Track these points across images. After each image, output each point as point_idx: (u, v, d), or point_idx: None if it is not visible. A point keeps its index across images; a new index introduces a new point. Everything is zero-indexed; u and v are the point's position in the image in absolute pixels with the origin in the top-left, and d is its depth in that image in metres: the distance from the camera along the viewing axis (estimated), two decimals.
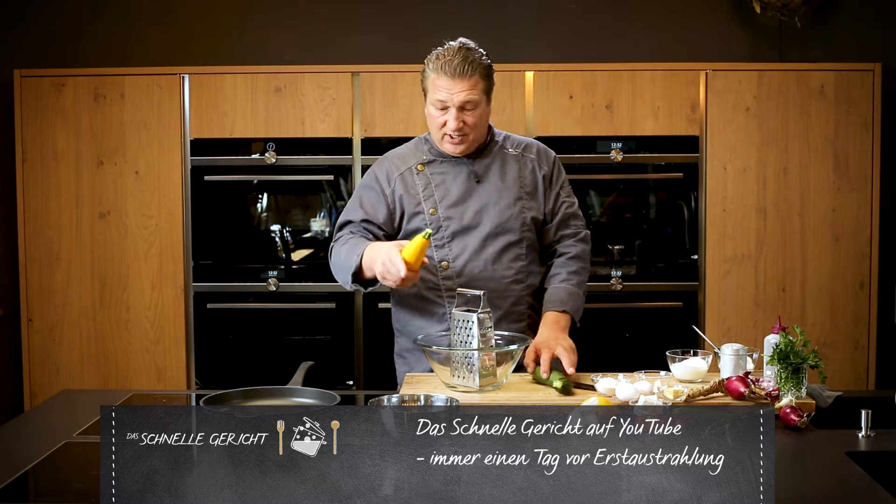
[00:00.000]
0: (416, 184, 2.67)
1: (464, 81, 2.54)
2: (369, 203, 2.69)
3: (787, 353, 2.26)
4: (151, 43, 4.20)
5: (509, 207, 2.66)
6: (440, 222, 2.65)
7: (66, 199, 3.96)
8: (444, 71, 2.54)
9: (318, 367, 2.49)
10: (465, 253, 2.64)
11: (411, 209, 2.66)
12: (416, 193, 2.66)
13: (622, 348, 3.94)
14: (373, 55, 4.14)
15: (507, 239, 2.66)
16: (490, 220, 2.65)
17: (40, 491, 1.96)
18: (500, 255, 2.66)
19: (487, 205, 2.66)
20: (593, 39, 4.21)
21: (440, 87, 2.56)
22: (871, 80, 3.90)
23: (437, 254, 2.65)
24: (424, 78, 2.61)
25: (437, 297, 2.65)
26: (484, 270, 2.64)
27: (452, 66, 2.54)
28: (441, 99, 2.56)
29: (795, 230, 3.94)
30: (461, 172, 2.68)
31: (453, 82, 2.54)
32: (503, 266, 2.66)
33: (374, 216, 2.67)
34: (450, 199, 2.66)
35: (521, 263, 2.68)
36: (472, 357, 2.38)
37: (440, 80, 2.56)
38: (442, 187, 2.67)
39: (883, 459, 1.98)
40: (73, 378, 3.97)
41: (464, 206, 2.65)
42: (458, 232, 2.65)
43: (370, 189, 2.71)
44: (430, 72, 2.58)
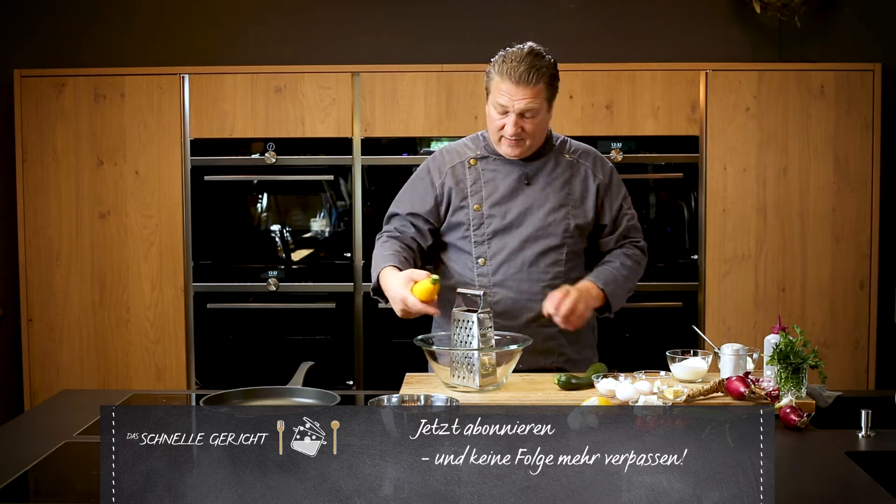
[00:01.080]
0: (467, 177, 2.68)
1: (527, 89, 2.52)
2: (417, 194, 2.71)
3: (787, 353, 2.26)
4: (151, 43, 4.21)
5: (553, 212, 2.66)
6: (482, 219, 2.65)
7: (66, 199, 3.96)
8: (509, 77, 2.51)
9: (318, 367, 2.49)
10: (503, 252, 2.65)
11: (457, 202, 2.67)
12: (465, 187, 2.67)
13: (622, 348, 3.94)
14: (373, 55, 4.14)
15: (547, 243, 2.65)
16: (532, 223, 2.65)
17: (40, 491, 1.96)
18: (538, 259, 2.65)
19: (532, 207, 2.65)
20: (593, 39, 4.21)
21: (502, 92, 2.53)
22: (871, 80, 3.90)
23: (476, 250, 2.66)
24: (488, 78, 2.59)
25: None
26: (519, 272, 2.64)
27: (518, 72, 2.50)
28: (502, 104, 2.54)
29: (795, 230, 3.94)
30: (512, 172, 2.67)
31: (517, 89, 2.52)
32: (540, 269, 2.65)
33: (420, 208, 2.69)
34: (495, 198, 2.66)
35: (559, 269, 2.66)
36: (472, 357, 2.38)
37: (503, 85, 2.53)
38: (491, 184, 2.67)
39: (883, 459, 1.98)
40: (73, 378, 3.97)
41: (508, 205, 2.65)
42: (498, 231, 2.65)
43: (420, 180, 2.73)
44: (495, 74, 2.56)
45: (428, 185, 2.70)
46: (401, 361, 3.16)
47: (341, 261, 3.97)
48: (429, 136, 3.92)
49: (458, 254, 2.70)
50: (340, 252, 3.98)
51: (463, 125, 3.88)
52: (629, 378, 2.34)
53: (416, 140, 3.93)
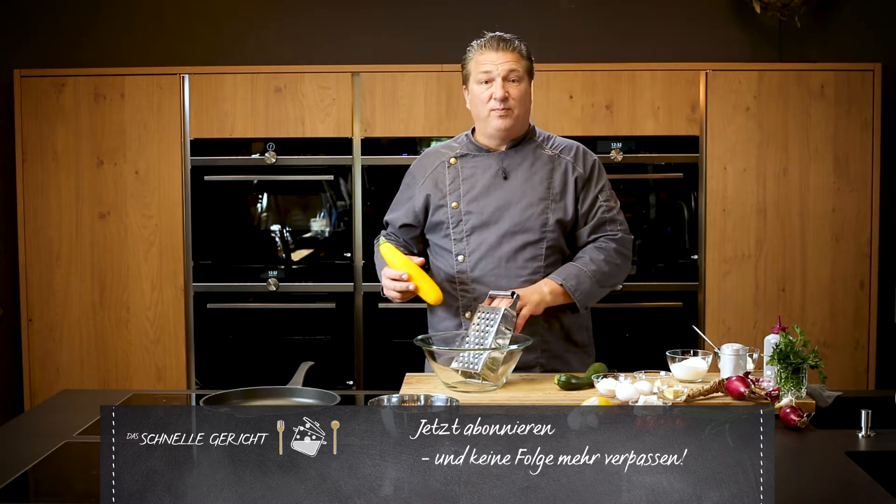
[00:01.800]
0: (446, 177, 2.72)
1: (507, 53, 2.63)
2: (401, 202, 2.82)
3: (787, 353, 2.26)
4: (151, 43, 4.21)
5: (531, 207, 2.65)
6: (461, 216, 2.67)
7: (66, 199, 3.96)
8: (488, 45, 2.65)
9: (318, 367, 2.49)
10: (481, 248, 2.66)
11: (436, 202, 2.71)
12: (444, 187, 2.71)
13: (622, 348, 3.94)
14: (373, 55, 4.15)
15: (525, 238, 2.65)
16: (510, 217, 2.65)
17: (40, 491, 1.96)
18: (516, 254, 2.65)
19: (510, 202, 2.66)
20: (593, 39, 4.21)
21: (484, 62, 2.64)
22: (871, 80, 3.90)
23: (455, 247, 2.68)
24: (465, 63, 2.69)
25: (453, 290, 2.69)
26: (497, 267, 2.65)
27: (496, 40, 2.65)
28: (486, 70, 2.63)
29: (795, 230, 3.94)
30: (490, 167, 2.69)
31: (497, 54, 2.63)
32: (518, 265, 2.65)
33: (408, 216, 2.77)
34: (473, 194, 2.68)
35: (538, 264, 2.66)
36: (486, 341, 2.40)
37: (484, 56, 2.65)
38: (469, 181, 2.70)
39: (883, 459, 1.98)
40: (73, 378, 3.97)
41: (486, 200, 2.67)
42: (476, 227, 2.67)
43: (407, 186, 2.82)
44: (473, 53, 2.68)
45: (413, 190, 2.77)
46: (401, 361, 3.16)
47: (341, 261, 3.97)
48: (429, 136, 3.92)
49: (440, 252, 2.74)
50: (340, 252, 3.98)
51: (463, 125, 3.88)
52: (629, 378, 2.34)
53: (416, 140, 3.93)
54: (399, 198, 2.83)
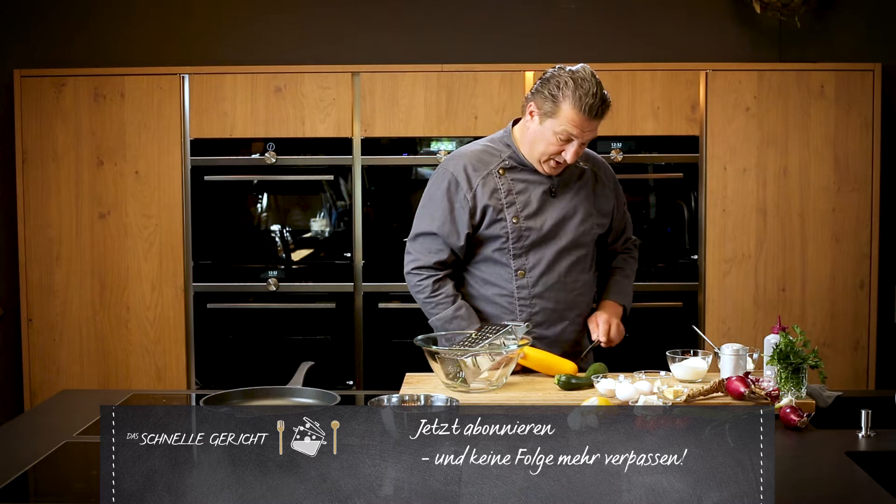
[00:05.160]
0: (500, 188, 2.67)
1: (596, 121, 2.56)
2: (449, 210, 2.66)
3: (787, 353, 2.26)
4: (151, 43, 4.20)
5: (583, 223, 2.72)
6: (521, 231, 2.67)
7: (66, 199, 3.96)
8: (586, 111, 2.51)
9: (318, 367, 2.49)
10: (541, 264, 2.68)
11: (493, 214, 2.66)
12: (500, 199, 2.66)
13: (622, 348, 3.93)
14: (373, 55, 4.14)
15: (579, 253, 2.72)
16: (566, 234, 2.69)
17: (40, 491, 1.96)
18: (571, 269, 2.71)
19: (564, 219, 2.70)
20: (593, 39, 4.21)
21: (573, 123, 2.53)
22: (871, 80, 3.90)
23: (514, 262, 2.68)
24: (553, 101, 2.54)
25: (510, 304, 2.69)
26: (557, 282, 2.70)
27: (594, 108, 2.52)
28: (570, 132, 2.54)
29: (795, 230, 3.94)
30: (541, 184, 2.69)
31: (589, 122, 2.54)
32: (573, 279, 2.72)
33: (468, 225, 2.66)
34: (530, 210, 2.68)
35: (586, 277, 2.76)
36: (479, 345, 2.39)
37: (577, 117, 2.52)
38: (523, 196, 2.68)
39: (883, 459, 1.98)
40: (73, 378, 3.97)
41: (542, 217, 2.68)
42: (536, 242, 2.68)
43: (449, 193, 2.67)
44: (566, 103, 2.53)
45: (461, 199, 2.66)
46: (401, 361, 3.16)
47: (341, 261, 3.97)
48: (429, 136, 3.92)
49: (493, 266, 2.71)
50: (340, 252, 3.98)
51: (463, 125, 3.88)
52: (629, 378, 2.34)
53: (415, 140, 3.93)
54: (441, 206, 2.67)
